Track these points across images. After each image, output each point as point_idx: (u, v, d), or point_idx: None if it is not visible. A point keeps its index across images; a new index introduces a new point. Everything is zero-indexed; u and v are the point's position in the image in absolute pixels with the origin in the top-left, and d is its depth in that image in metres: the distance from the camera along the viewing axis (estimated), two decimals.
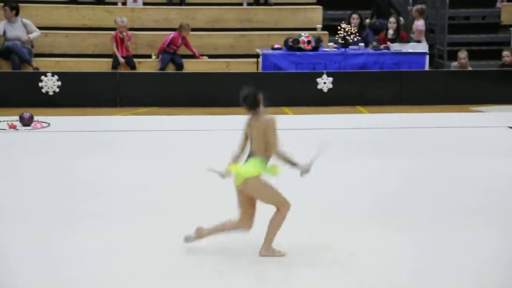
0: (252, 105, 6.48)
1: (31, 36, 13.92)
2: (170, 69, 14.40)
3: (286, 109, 13.39)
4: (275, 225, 6.39)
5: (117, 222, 7.27)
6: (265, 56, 14.24)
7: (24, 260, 6.30)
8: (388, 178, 9.02)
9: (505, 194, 8.36)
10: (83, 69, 14.21)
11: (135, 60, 14.41)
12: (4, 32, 13.91)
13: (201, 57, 14.65)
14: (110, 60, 14.40)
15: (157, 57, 14.52)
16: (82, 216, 7.43)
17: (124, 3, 15.51)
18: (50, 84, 13.23)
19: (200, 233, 6.50)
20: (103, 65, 14.40)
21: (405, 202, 8.09)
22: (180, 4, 15.79)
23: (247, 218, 6.40)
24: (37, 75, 13.27)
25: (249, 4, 15.88)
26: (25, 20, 14.11)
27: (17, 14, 14.01)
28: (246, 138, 6.55)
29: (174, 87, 13.60)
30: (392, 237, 6.95)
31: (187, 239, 6.52)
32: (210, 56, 14.88)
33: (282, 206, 6.39)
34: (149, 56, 14.70)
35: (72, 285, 5.88)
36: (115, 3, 15.54)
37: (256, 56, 14.50)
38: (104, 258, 6.39)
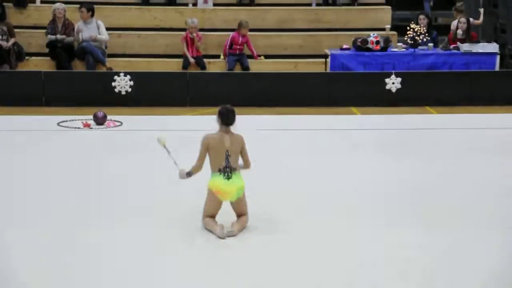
0: (233, 123, 6.83)
1: (98, 37, 14.24)
2: (237, 70, 14.53)
3: (354, 109, 13.42)
4: (242, 224, 6.92)
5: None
6: (333, 56, 14.29)
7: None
8: (459, 178, 8.98)
9: None
10: (154, 69, 14.47)
11: (205, 60, 14.62)
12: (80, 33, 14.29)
13: (258, 57, 14.74)
14: (180, 60, 14.63)
15: (224, 59, 14.72)
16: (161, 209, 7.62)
17: (194, 4, 15.76)
18: (122, 84, 13.52)
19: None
20: (174, 65, 14.66)
21: (477, 202, 8.05)
22: (249, 4, 15.96)
23: None
24: (111, 75, 13.59)
25: (317, 4, 15.94)
26: (99, 22, 14.46)
27: (92, 15, 14.39)
28: (205, 156, 6.85)
29: (243, 87, 13.75)
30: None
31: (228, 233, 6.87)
32: (279, 57, 15.01)
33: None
34: (218, 57, 14.91)
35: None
36: (186, 4, 15.80)
37: (325, 56, 14.56)
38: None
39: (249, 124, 12.02)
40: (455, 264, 6.37)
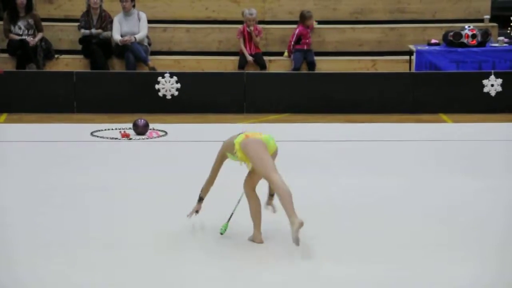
0: None
1: (137, 36, 14.27)
2: (303, 68, 14.51)
3: (443, 116, 13.31)
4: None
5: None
6: (419, 53, 14.18)
7: None
8: None
9: None
10: (205, 69, 14.48)
11: (265, 58, 14.60)
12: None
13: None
14: (236, 58, 14.63)
15: (289, 56, 14.66)
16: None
17: None
18: (168, 87, 13.56)
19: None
20: (229, 65, 14.65)
21: None
22: None
23: None
24: (154, 76, 13.62)
25: None
26: (141, 14, 14.48)
27: (134, 6, 14.46)
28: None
29: (309, 90, 13.67)
30: None
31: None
32: (354, 54, 14.93)
33: None
34: (281, 54, 14.85)
35: None
36: None
37: (409, 53, 14.44)
38: None
39: (316, 134, 12.08)
40: None
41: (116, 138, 11.74)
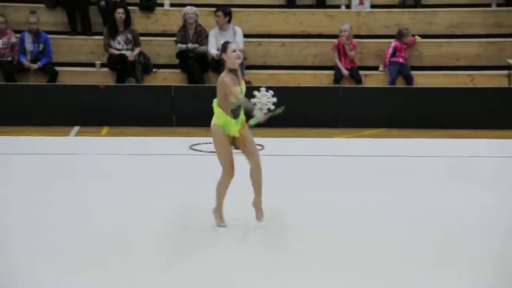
0: None
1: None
2: (399, 82, 14.51)
3: None
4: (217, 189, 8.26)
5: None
6: None
7: None
8: None
9: None
10: (300, 83, 14.62)
11: (361, 72, 14.64)
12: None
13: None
14: (331, 72, 14.72)
15: (383, 70, 14.71)
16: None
17: (348, 6, 15.81)
18: (264, 100, 13.62)
19: (217, 213, 8.17)
20: (324, 79, 14.75)
21: None
22: (414, 6, 15.85)
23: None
24: (250, 90, 13.73)
25: (498, 5, 15.67)
26: (236, 28, 14.67)
27: (229, 20, 14.67)
28: None
29: (406, 105, 13.72)
30: None
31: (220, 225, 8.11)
32: (451, 68, 14.87)
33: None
34: (377, 68, 14.91)
35: None
36: (338, 6, 15.85)
37: (508, 67, 14.34)
38: None
39: (413, 149, 12.08)
40: None
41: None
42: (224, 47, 8.22)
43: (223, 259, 7.30)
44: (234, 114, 8.30)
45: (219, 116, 8.49)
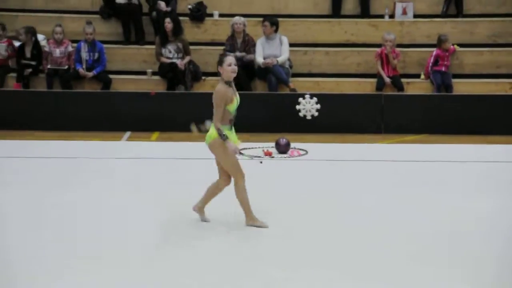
0: None
1: (279, 59, 14.80)
2: (441, 90, 14.73)
3: None
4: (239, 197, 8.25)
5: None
6: None
7: None
8: None
9: None
10: (344, 90, 14.91)
11: (403, 80, 14.92)
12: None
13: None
14: (374, 80, 15.02)
15: (426, 78, 14.97)
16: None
17: (391, 16, 16.12)
18: (308, 107, 14.06)
19: (200, 210, 8.44)
20: (367, 86, 15.06)
21: None
22: (456, 15, 16.11)
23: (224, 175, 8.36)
24: (295, 97, 14.16)
25: None
26: (282, 38, 15.05)
27: (276, 30, 15.05)
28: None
29: (447, 111, 13.97)
30: None
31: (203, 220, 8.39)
32: (491, 76, 15.08)
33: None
34: (418, 76, 15.16)
35: None
36: (382, 16, 16.19)
37: None
38: None
39: (456, 155, 12.16)
40: None
41: (259, 157, 12.09)
42: (220, 60, 8.19)
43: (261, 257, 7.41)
44: (222, 137, 8.24)
45: (214, 132, 8.41)
